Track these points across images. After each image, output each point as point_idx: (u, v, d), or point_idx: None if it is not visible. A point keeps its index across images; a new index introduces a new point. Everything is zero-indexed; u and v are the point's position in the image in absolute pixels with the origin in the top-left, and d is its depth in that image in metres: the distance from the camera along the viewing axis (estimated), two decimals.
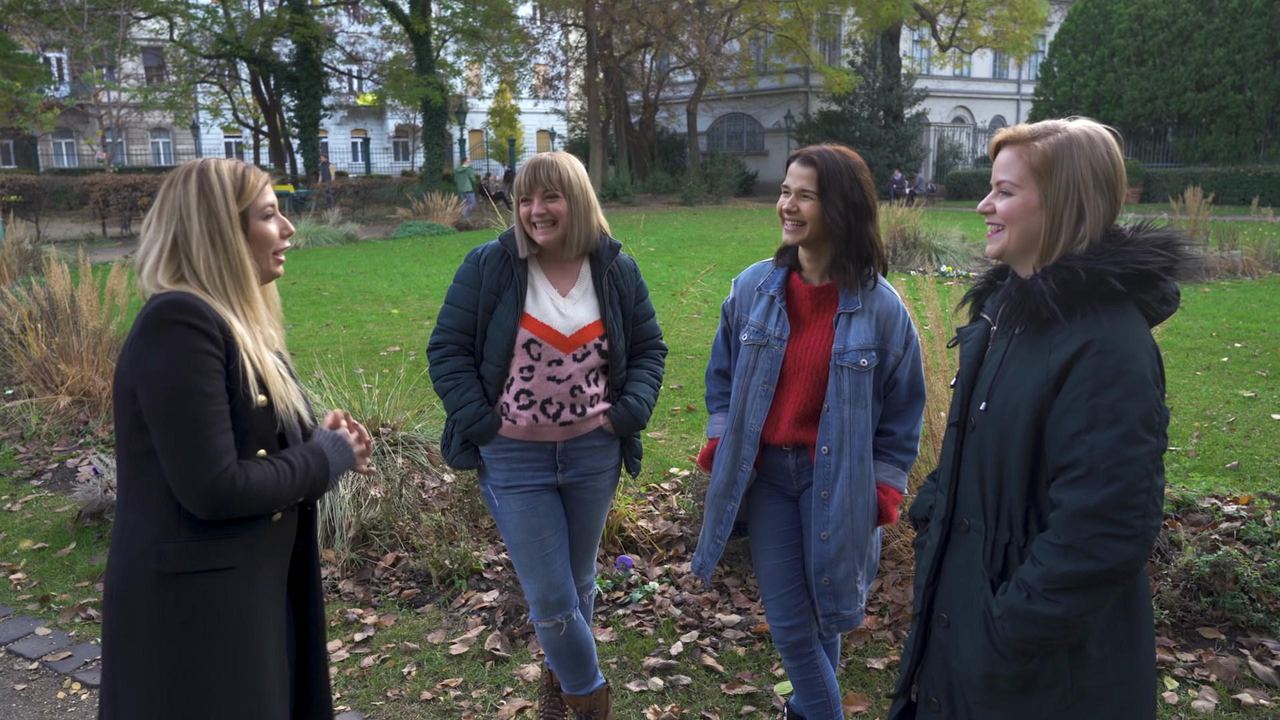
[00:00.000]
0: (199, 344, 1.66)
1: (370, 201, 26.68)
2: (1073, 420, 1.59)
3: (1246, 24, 28.50)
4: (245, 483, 1.67)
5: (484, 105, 45.40)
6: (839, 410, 2.34)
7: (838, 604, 2.40)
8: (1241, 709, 2.92)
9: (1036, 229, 1.71)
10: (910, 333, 2.43)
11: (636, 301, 2.69)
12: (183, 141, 42.46)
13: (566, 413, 2.58)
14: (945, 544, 1.87)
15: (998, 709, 1.74)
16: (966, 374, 1.83)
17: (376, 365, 7.42)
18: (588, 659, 2.75)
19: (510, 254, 2.57)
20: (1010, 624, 1.66)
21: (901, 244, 13.64)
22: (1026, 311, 1.68)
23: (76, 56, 27.05)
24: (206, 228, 1.76)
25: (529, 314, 2.53)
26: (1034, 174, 1.69)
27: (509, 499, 2.61)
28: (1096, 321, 1.62)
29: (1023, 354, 1.70)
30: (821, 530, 2.38)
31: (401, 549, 4.07)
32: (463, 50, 34.72)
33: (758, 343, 2.42)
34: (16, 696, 3.21)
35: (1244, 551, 3.46)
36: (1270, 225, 16.65)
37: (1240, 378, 6.98)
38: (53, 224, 21.49)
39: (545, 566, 2.62)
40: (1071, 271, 1.63)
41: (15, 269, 9.84)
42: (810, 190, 2.32)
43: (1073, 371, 1.60)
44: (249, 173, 1.82)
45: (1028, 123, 1.77)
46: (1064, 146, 1.67)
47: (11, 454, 5.72)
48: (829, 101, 34.06)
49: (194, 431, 1.64)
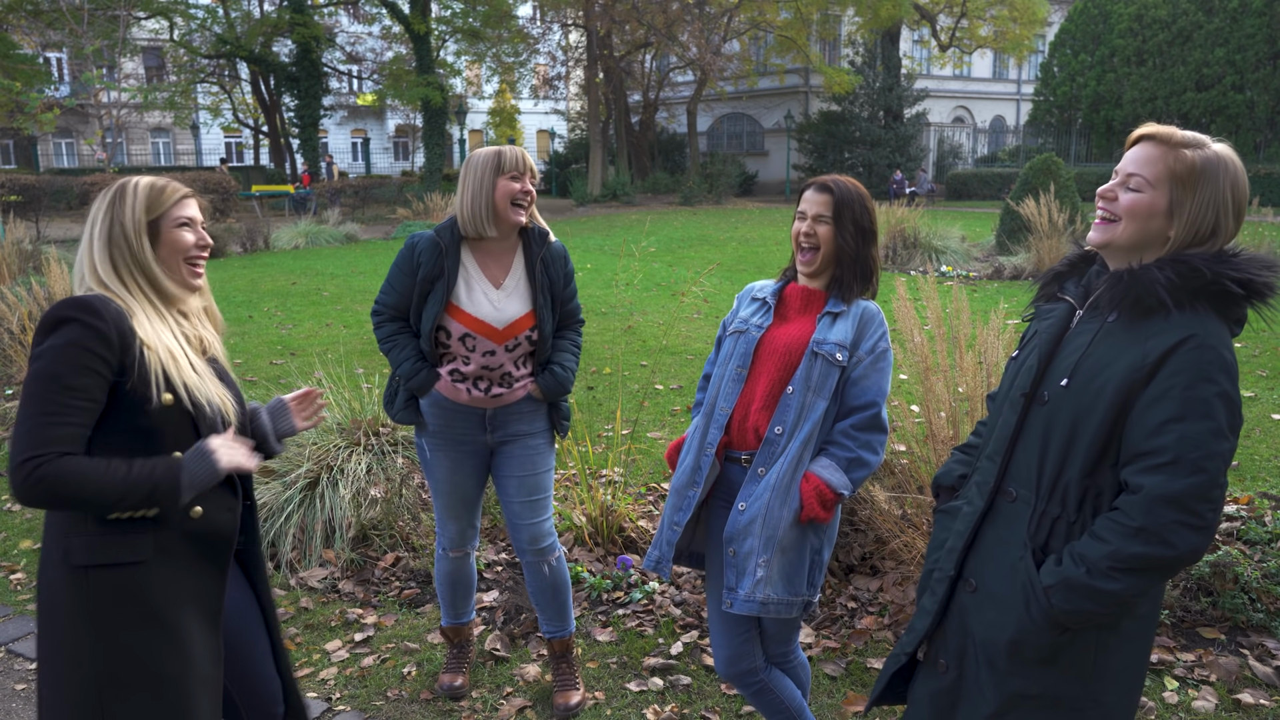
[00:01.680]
0: (82, 339, 1.74)
1: (370, 201, 26.69)
2: (1164, 408, 1.62)
3: (1246, 24, 28.51)
4: (53, 475, 1.69)
5: (484, 105, 45.39)
6: (802, 394, 2.36)
7: (738, 580, 2.35)
8: (1241, 709, 2.92)
9: (1153, 231, 1.72)
10: (883, 342, 2.42)
11: (564, 286, 2.91)
12: (183, 141, 42.46)
13: (495, 387, 2.85)
14: (986, 512, 1.88)
15: (1015, 677, 1.78)
16: (1045, 349, 1.84)
17: (376, 365, 7.42)
18: (470, 593, 3.19)
19: (444, 246, 2.76)
20: (1062, 594, 1.69)
21: (901, 244, 13.64)
22: (1131, 298, 1.70)
23: (76, 56, 27.04)
24: (108, 234, 1.89)
25: (463, 309, 2.76)
26: (1174, 180, 1.70)
27: (439, 453, 2.91)
28: (1198, 318, 1.65)
29: (1116, 338, 1.72)
30: (741, 501, 2.36)
31: (401, 549, 4.07)
32: (463, 50, 34.72)
33: (739, 330, 2.50)
34: (16, 696, 3.21)
35: (1244, 551, 3.46)
36: (1270, 225, 16.66)
37: (1240, 378, 6.97)
38: (53, 224, 21.48)
39: (467, 511, 3.01)
40: (1192, 268, 1.66)
41: (15, 269, 9.84)
42: (826, 215, 2.45)
43: (1169, 361, 1.63)
44: (167, 186, 1.95)
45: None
46: (1213, 164, 1.69)
47: None
48: (829, 101, 34.05)
49: (31, 414, 1.71)
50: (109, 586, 1.79)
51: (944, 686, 1.91)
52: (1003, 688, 1.80)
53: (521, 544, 2.99)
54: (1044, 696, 1.77)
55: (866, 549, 3.69)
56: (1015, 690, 1.78)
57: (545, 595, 3.07)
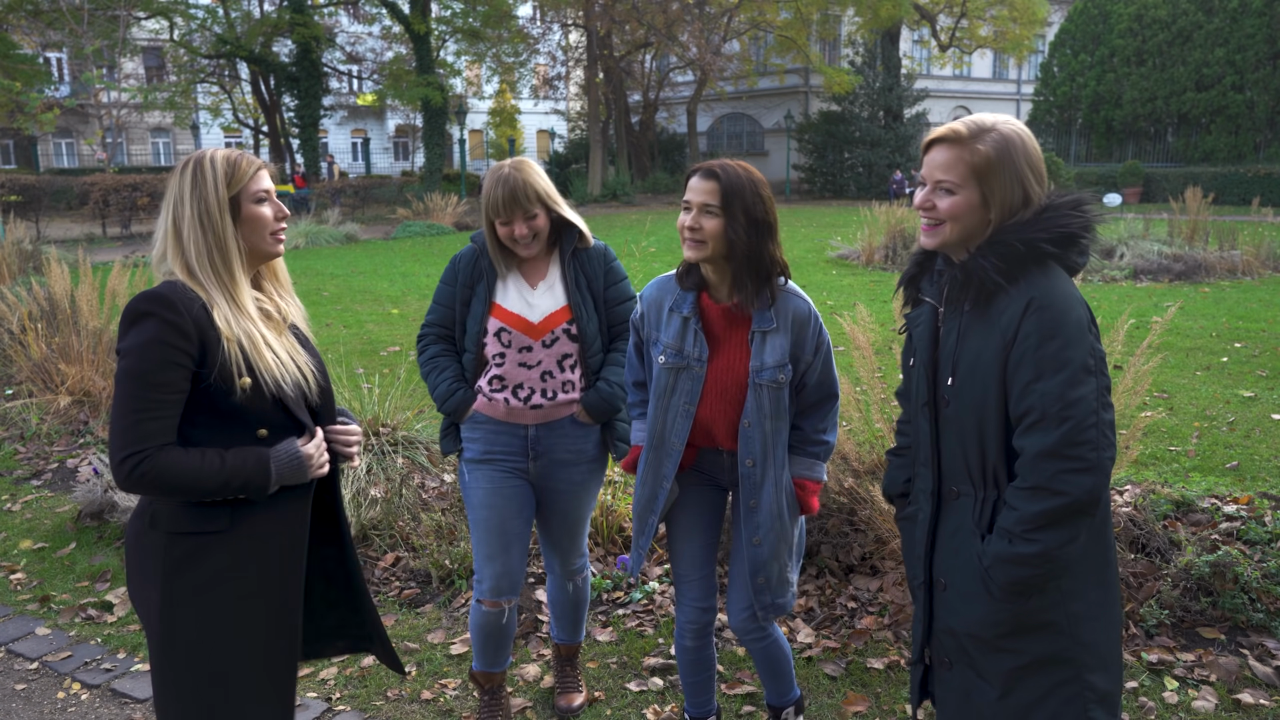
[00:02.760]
0: (162, 334, 1.82)
1: (370, 201, 26.69)
2: (1024, 373, 1.75)
3: (1246, 24, 28.51)
4: (155, 471, 1.80)
5: (484, 105, 45.38)
6: (760, 425, 2.39)
7: (774, 596, 2.51)
8: (1241, 709, 2.92)
9: (976, 224, 1.85)
10: (821, 338, 2.44)
11: (607, 285, 2.75)
12: (183, 141, 42.44)
13: (537, 397, 2.68)
14: (937, 514, 1.98)
15: (1004, 651, 1.88)
16: (926, 355, 1.96)
17: (376, 365, 7.42)
18: (505, 645, 2.88)
19: (479, 250, 2.73)
20: (999, 569, 1.80)
21: (901, 244, 13.65)
22: (973, 288, 1.82)
23: (76, 56, 27.05)
24: (197, 212, 1.91)
25: (498, 304, 2.68)
26: (977, 174, 1.82)
27: (478, 475, 2.72)
28: (1032, 282, 1.77)
29: (977, 327, 1.84)
30: (753, 536, 2.46)
31: (401, 549, 4.07)
32: (463, 50, 34.72)
33: (677, 365, 2.40)
34: (16, 696, 3.21)
35: (1244, 551, 3.45)
36: (1270, 225, 16.64)
37: (1240, 378, 6.98)
38: (53, 224, 21.49)
39: (504, 552, 2.71)
40: (1008, 245, 1.79)
41: (15, 269, 9.84)
42: (714, 205, 2.26)
43: (1020, 329, 1.76)
44: (241, 159, 1.95)
45: (957, 119, 1.88)
46: (1004, 145, 1.81)
47: (11, 454, 5.72)
48: (829, 101, 34.06)
49: (125, 412, 1.81)
50: (188, 549, 1.90)
51: (954, 682, 1.98)
52: (999, 668, 1.88)
53: (552, 562, 2.95)
54: (1036, 660, 1.85)
55: (866, 549, 3.69)
56: (1010, 666, 1.87)
57: (565, 607, 3.02)
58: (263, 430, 1.92)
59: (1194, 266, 12.12)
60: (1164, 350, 7.57)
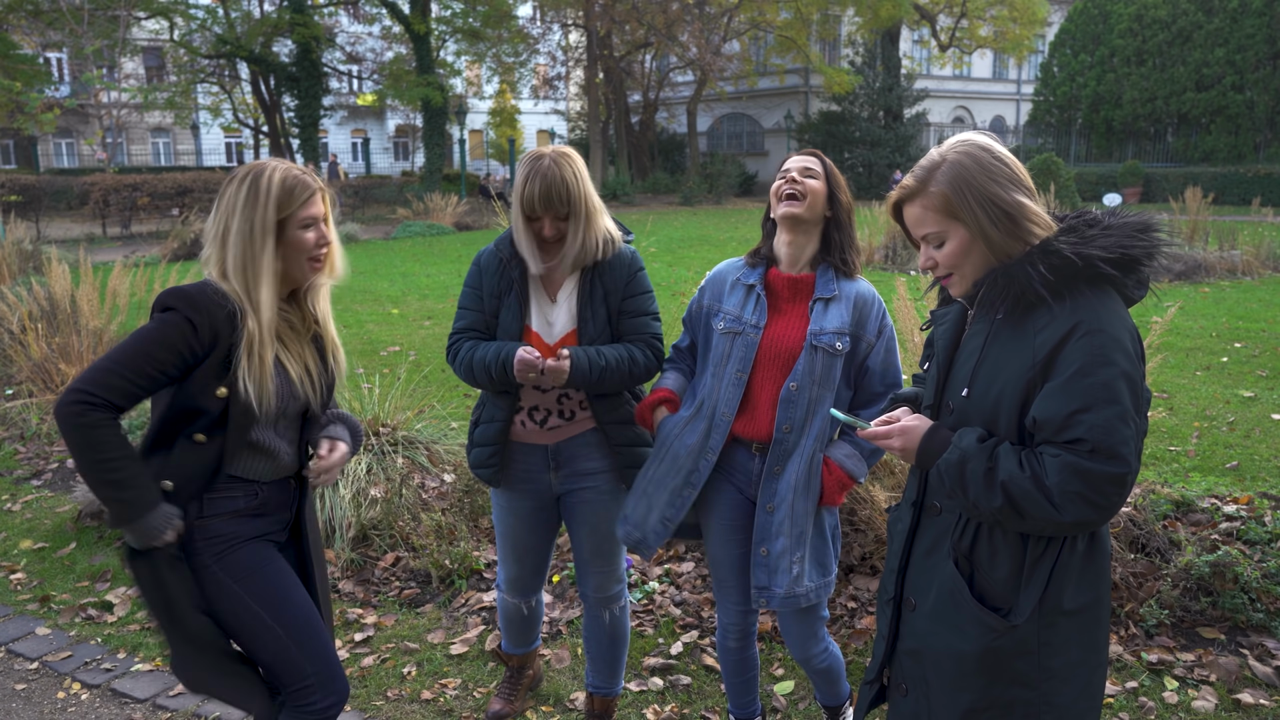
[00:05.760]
0: (180, 327, 1.95)
1: (370, 201, 26.66)
2: (1068, 401, 1.59)
3: (1246, 24, 28.51)
4: (87, 424, 1.88)
5: (484, 105, 45.37)
6: (807, 390, 2.34)
7: (770, 579, 2.40)
8: (1241, 709, 2.92)
9: (984, 254, 1.73)
10: (884, 322, 2.42)
11: (626, 297, 2.56)
12: (183, 141, 42.44)
13: (554, 419, 2.61)
14: (915, 527, 1.88)
15: (965, 692, 1.75)
16: (942, 358, 1.85)
17: (376, 365, 7.42)
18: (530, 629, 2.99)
19: (504, 258, 2.56)
20: (956, 456, 1.68)
21: (901, 244, 13.64)
22: (1012, 295, 1.68)
23: (76, 56, 27.04)
24: (242, 229, 2.01)
25: (530, 327, 2.55)
26: (949, 214, 1.72)
27: (499, 493, 2.74)
28: (1082, 304, 1.63)
29: (1005, 339, 1.70)
30: (768, 502, 2.39)
31: (401, 549, 4.07)
32: (463, 50, 34.70)
33: (734, 330, 2.41)
34: (16, 696, 3.21)
35: (1244, 551, 3.45)
36: (1270, 225, 16.64)
37: (1240, 378, 6.98)
38: (53, 224, 21.47)
39: (517, 562, 2.81)
40: (1061, 256, 1.64)
41: (15, 269, 9.83)
42: (815, 170, 2.39)
43: (1062, 353, 1.61)
44: (297, 185, 2.04)
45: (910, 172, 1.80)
46: (953, 174, 1.70)
47: (11, 454, 5.72)
48: (829, 101, 34.04)
49: (111, 358, 1.92)
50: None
51: (907, 710, 1.89)
52: (955, 704, 1.77)
53: (586, 589, 2.78)
54: (996, 706, 1.74)
55: (866, 549, 3.69)
56: (967, 706, 1.76)
57: (600, 645, 2.83)
58: (200, 436, 2.01)
59: (1194, 266, 12.12)
60: (1164, 350, 7.57)
